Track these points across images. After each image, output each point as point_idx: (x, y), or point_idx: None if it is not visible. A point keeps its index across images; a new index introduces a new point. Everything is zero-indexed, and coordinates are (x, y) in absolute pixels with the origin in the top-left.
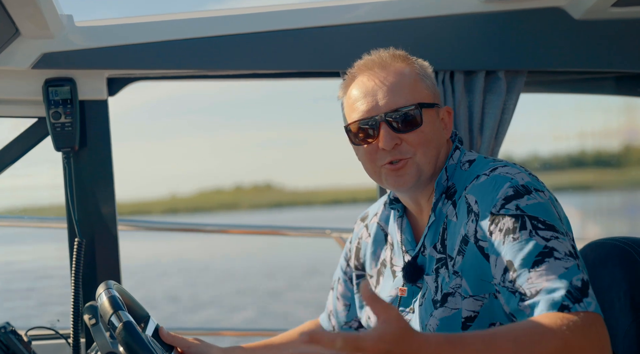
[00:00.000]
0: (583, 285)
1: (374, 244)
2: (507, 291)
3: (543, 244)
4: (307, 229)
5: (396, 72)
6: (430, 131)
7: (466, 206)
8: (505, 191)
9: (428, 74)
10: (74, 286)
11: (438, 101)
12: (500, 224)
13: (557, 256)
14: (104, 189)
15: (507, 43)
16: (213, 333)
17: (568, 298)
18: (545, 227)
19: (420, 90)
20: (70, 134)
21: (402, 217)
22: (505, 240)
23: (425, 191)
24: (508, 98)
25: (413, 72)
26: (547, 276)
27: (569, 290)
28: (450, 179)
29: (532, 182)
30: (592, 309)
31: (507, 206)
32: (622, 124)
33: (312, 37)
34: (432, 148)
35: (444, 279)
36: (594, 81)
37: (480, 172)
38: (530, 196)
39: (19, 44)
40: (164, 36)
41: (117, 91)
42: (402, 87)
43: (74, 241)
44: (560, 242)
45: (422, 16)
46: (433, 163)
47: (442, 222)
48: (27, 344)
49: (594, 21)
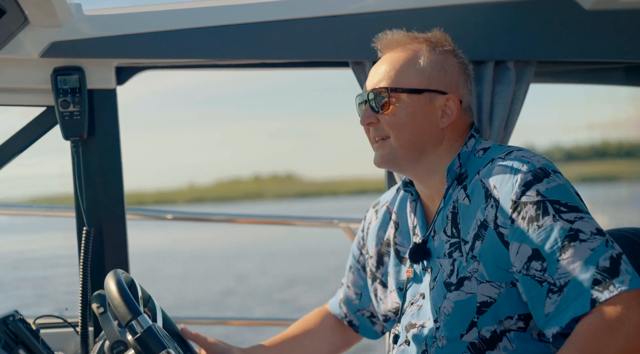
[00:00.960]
0: (612, 263)
1: (379, 226)
2: (530, 280)
3: (568, 227)
4: (315, 219)
5: (391, 57)
6: (406, 115)
7: (483, 190)
8: (525, 177)
9: (432, 60)
10: (82, 274)
11: (437, 87)
12: (522, 212)
13: (583, 237)
14: (112, 177)
15: (516, 33)
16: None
17: (596, 289)
18: (568, 209)
19: (405, 75)
20: (79, 122)
21: (416, 201)
22: (530, 228)
23: (436, 177)
24: (517, 88)
25: (407, 57)
26: (573, 264)
27: (596, 278)
28: (463, 167)
29: (549, 164)
30: (625, 287)
31: (528, 193)
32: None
33: (322, 27)
34: (406, 133)
35: (461, 263)
36: (604, 71)
37: (495, 156)
38: (549, 178)
39: (28, 32)
40: (173, 25)
41: (125, 80)
42: (388, 71)
43: (82, 230)
44: (586, 222)
45: (430, 6)
46: (410, 148)
47: (450, 206)
48: (35, 332)
49: (604, 11)
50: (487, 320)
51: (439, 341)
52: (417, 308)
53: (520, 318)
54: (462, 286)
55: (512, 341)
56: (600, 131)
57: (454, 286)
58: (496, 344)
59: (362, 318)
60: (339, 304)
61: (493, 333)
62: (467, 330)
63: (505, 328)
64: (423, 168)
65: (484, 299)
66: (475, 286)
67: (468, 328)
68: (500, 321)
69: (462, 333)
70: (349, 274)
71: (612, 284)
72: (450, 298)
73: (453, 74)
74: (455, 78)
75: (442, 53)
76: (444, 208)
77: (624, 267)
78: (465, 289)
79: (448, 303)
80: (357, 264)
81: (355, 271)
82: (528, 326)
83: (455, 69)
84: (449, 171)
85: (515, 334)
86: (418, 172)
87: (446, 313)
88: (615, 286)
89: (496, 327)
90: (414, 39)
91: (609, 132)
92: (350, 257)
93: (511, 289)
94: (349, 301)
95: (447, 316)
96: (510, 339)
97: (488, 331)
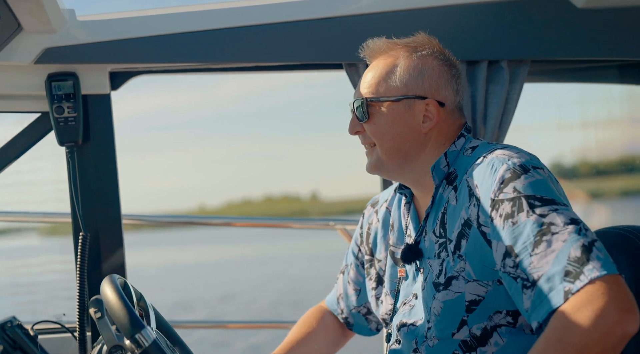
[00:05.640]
0: (584, 251)
1: (383, 228)
2: (508, 277)
3: (540, 222)
4: (312, 221)
5: (373, 65)
6: (386, 123)
7: (467, 189)
8: (503, 175)
9: (409, 66)
10: (79, 280)
11: (416, 93)
12: (500, 210)
13: (555, 230)
14: (108, 183)
15: (509, 33)
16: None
17: (568, 280)
18: (543, 203)
19: (383, 84)
20: (74, 128)
21: (410, 203)
22: (505, 225)
23: (427, 179)
24: (511, 88)
25: (386, 65)
26: (546, 258)
27: (567, 269)
28: (452, 165)
29: (530, 161)
30: (596, 273)
31: (505, 190)
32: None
33: (315, 29)
34: (387, 140)
35: (449, 262)
36: (598, 70)
37: (480, 155)
38: (528, 174)
39: (22, 39)
40: (166, 29)
41: (119, 85)
42: (369, 80)
43: (78, 236)
44: (560, 214)
45: (423, 7)
46: (393, 154)
47: (442, 207)
48: (33, 338)
49: (597, 9)
50: (477, 318)
51: (430, 341)
52: (410, 308)
53: (509, 314)
54: (450, 285)
55: (503, 335)
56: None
57: (442, 286)
58: (487, 341)
59: (357, 316)
60: (337, 300)
61: (484, 329)
62: (457, 329)
63: (496, 323)
64: (410, 172)
65: (473, 298)
66: (462, 285)
67: (458, 327)
68: (490, 316)
69: (453, 331)
70: (350, 271)
71: (583, 273)
72: (438, 298)
73: (432, 78)
74: (435, 81)
75: (420, 57)
76: (434, 209)
77: (595, 253)
78: (453, 289)
79: (437, 303)
80: (356, 260)
81: (355, 268)
82: (517, 321)
83: (435, 71)
84: (434, 170)
85: (506, 329)
86: (407, 176)
87: (436, 313)
88: (585, 274)
89: (486, 323)
90: (393, 45)
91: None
92: (350, 253)
93: (499, 287)
94: (347, 297)
95: (437, 316)
96: (501, 334)
97: (479, 329)
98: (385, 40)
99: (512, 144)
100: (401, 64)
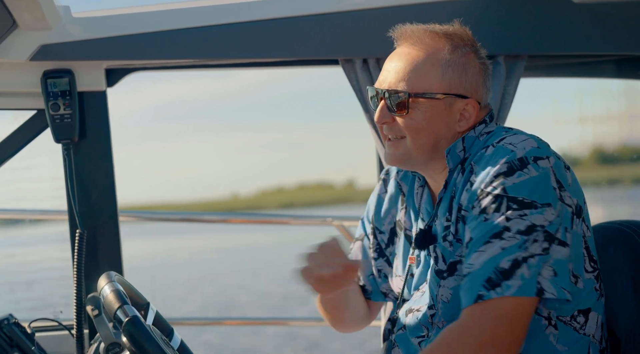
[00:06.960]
0: (512, 265)
1: (389, 201)
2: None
3: (501, 226)
4: (310, 218)
5: (410, 54)
6: (424, 119)
7: (469, 174)
8: (499, 169)
9: (453, 62)
10: (76, 277)
11: (458, 91)
12: (482, 201)
13: (505, 236)
14: (104, 180)
15: (506, 27)
16: (216, 323)
17: (485, 286)
18: (519, 206)
19: (425, 78)
20: (70, 125)
21: (424, 187)
22: (478, 217)
23: (439, 163)
24: (508, 83)
25: (427, 58)
26: (481, 258)
27: (490, 276)
28: (467, 151)
29: (535, 150)
30: (510, 292)
31: (494, 184)
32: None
33: (312, 25)
34: (423, 136)
35: (446, 248)
36: (594, 65)
37: (491, 142)
38: (524, 171)
39: (17, 36)
40: (162, 26)
41: (115, 81)
42: (407, 71)
43: (75, 233)
44: (522, 221)
45: (418, 2)
46: (425, 150)
47: (452, 192)
48: (30, 335)
49: (593, 4)
50: None
51: (438, 326)
52: (421, 294)
53: None
54: (455, 270)
55: None
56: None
57: (447, 272)
58: None
59: (374, 282)
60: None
61: None
62: None
63: None
64: (435, 165)
65: None
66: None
67: None
68: None
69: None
70: (368, 238)
71: (500, 286)
72: (446, 285)
73: (474, 76)
74: (475, 80)
75: (465, 54)
76: (447, 193)
77: (522, 271)
78: (460, 273)
79: (444, 290)
80: (371, 229)
81: (372, 234)
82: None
83: (476, 70)
84: (449, 153)
85: None
86: (429, 169)
87: (445, 300)
88: (502, 287)
89: None
90: (435, 36)
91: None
92: (365, 223)
93: None
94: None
95: (447, 302)
96: None
97: None
98: (424, 27)
99: (525, 131)
100: (446, 59)
